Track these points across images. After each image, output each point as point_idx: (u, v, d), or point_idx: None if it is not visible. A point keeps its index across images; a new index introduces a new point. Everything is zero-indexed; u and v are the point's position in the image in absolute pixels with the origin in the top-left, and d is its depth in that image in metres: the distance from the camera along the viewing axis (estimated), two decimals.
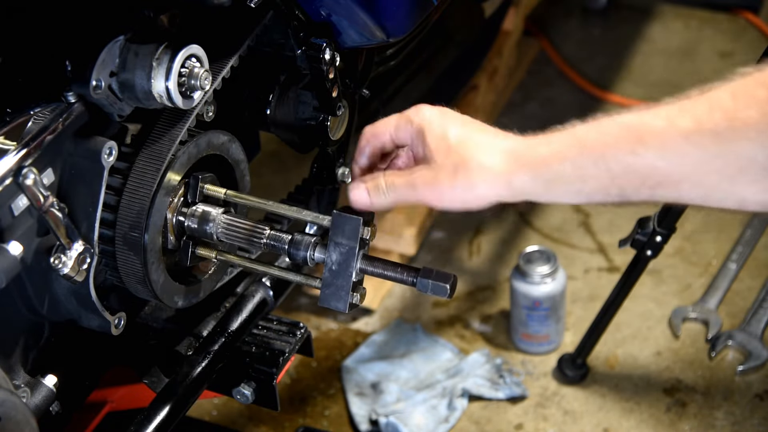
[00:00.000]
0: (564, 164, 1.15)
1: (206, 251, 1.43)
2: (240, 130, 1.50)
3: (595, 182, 1.14)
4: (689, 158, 1.07)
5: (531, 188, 1.19)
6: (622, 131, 1.12)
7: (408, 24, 1.58)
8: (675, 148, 1.08)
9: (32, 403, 1.35)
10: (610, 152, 1.12)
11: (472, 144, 1.22)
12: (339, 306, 1.32)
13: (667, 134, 1.08)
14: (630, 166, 1.11)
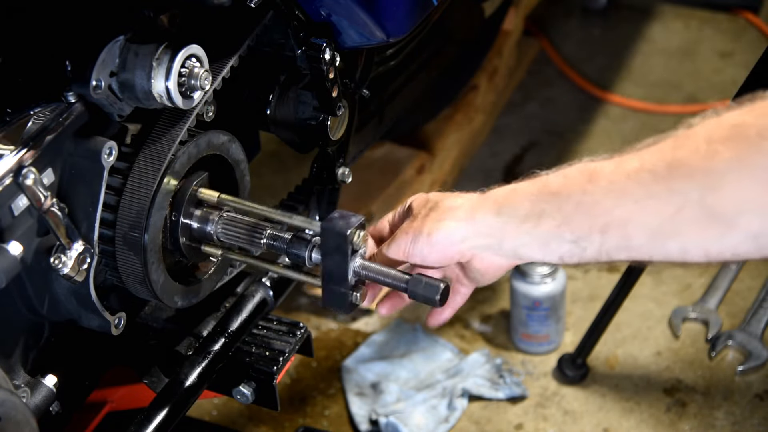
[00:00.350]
0: (521, 198, 1.22)
1: (212, 248, 1.43)
2: (240, 130, 1.50)
3: (548, 221, 1.19)
4: (632, 196, 1.12)
5: (491, 224, 1.24)
6: (576, 173, 1.19)
7: (408, 24, 1.59)
8: (620, 186, 1.13)
9: (32, 403, 1.35)
10: (564, 190, 1.18)
11: (447, 196, 1.31)
12: (340, 308, 1.33)
13: (614, 174, 1.14)
14: (580, 204, 1.16)
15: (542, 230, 1.19)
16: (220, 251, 1.44)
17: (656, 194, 1.11)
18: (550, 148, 2.80)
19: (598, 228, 1.15)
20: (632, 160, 1.14)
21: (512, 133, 2.87)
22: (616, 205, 1.14)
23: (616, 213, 1.14)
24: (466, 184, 2.69)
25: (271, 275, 1.62)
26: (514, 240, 1.23)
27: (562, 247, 1.19)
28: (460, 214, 1.25)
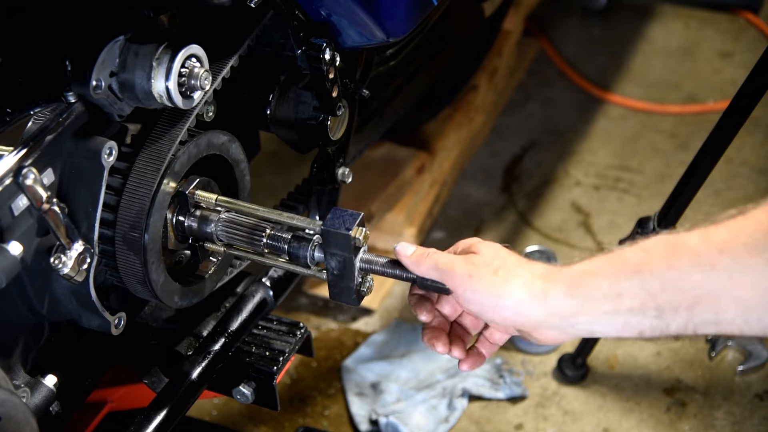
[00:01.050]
0: (598, 278, 1.14)
1: (215, 245, 1.43)
2: (240, 130, 1.50)
3: (630, 300, 1.12)
4: (724, 271, 1.06)
5: (565, 306, 1.17)
6: (656, 246, 1.11)
7: (408, 24, 1.59)
8: (709, 260, 1.07)
9: (32, 403, 1.35)
10: (646, 268, 1.11)
11: (517, 260, 1.22)
12: (348, 301, 1.34)
13: (702, 247, 1.08)
14: (666, 280, 1.09)
15: (623, 309, 1.13)
16: (223, 249, 1.44)
17: (753, 268, 1.04)
18: (550, 148, 2.80)
19: (686, 304, 1.09)
20: (720, 231, 1.07)
21: (512, 133, 2.87)
22: (707, 280, 1.07)
23: (707, 288, 1.07)
24: (467, 184, 2.69)
25: (272, 275, 1.62)
26: (589, 321, 1.16)
27: (644, 324, 1.12)
28: (533, 290, 1.18)
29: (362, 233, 1.29)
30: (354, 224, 1.28)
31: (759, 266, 1.04)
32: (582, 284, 1.15)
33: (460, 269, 1.22)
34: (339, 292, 1.34)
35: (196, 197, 1.41)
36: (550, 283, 1.17)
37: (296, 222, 1.37)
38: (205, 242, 1.44)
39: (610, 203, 2.61)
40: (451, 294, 1.25)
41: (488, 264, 1.21)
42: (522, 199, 2.65)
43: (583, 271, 1.16)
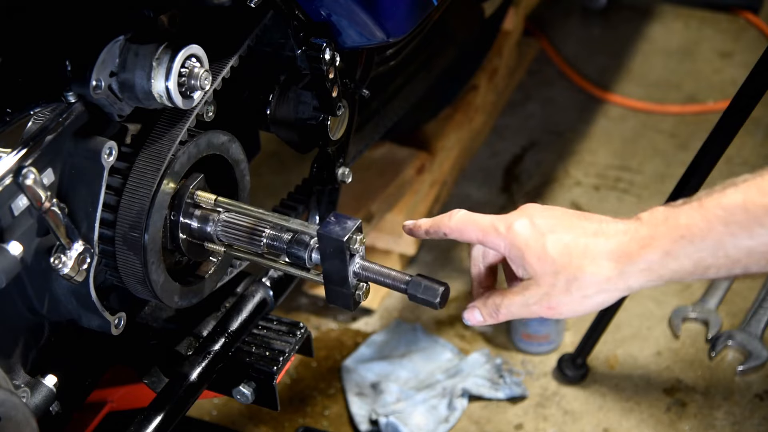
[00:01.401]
0: (680, 261, 1.13)
1: (215, 245, 1.43)
2: (240, 130, 1.50)
3: (716, 269, 1.13)
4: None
5: (649, 285, 1.17)
6: (733, 215, 1.09)
7: (408, 24, 1.58)
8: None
9: (32, 403, 1.35)
10: (727, 239, 1.10)
11: (576, 253, 1.18)
12: (344, 306, 1.34)
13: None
14: (752, 248, 1.09)
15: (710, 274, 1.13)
16: (223, 248, 1.44)
17: None
18: (550, 148, 2.80)
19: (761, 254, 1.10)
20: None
21: (512, 133, 2.87)
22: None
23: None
24: (467, 184, 2.69)
25: (272, 275, 1.62)
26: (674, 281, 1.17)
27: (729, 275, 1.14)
28: (612, 287, 1.17)
29: (357, 240, 1.29)
30: (349, 231, 1.28)
31: None
32: (665, 268, 1.14)
33: (536, 309, 1.21)
34: (335, 297, 1.34)
35: (196, 197, 1.41)
36: (629, 275, 1.16)
37: (293, 225, 1.37)
38: (205, 242, 1.44)
39: (610, 203, 2.61)
40: (438, 307, 1.27)
41: (555, 285, 1.19)
42: (522, 199, 2.64)
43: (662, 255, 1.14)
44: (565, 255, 1.18)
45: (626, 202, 2.61)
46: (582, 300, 1.19)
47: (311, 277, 1.39)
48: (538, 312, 1.22)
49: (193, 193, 1.41)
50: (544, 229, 1.20)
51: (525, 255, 1.21)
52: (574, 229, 1.20)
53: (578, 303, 1.19)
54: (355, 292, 1.32)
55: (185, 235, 1.42)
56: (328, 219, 1.30)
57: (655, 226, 1.15)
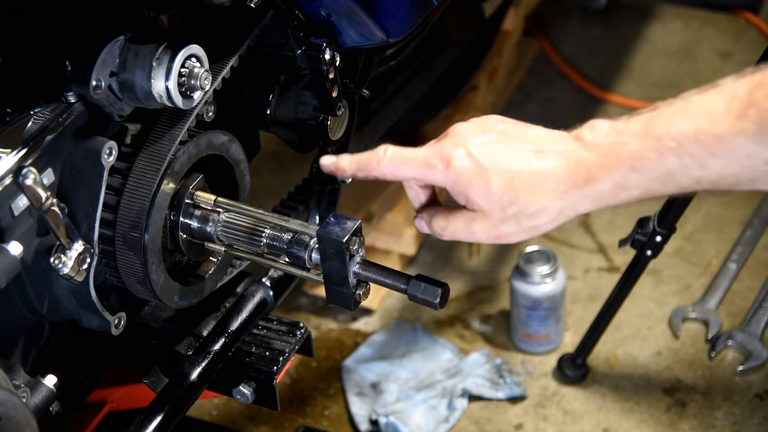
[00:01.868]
0: (631, 191, 1.12)
1: (215, 245, 1.43)
2: (240, 130, 1.50)
3: (663, 195, 1.13)
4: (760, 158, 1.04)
5: (597, 209, 1.16)
6: (685, 146, 1.08)
7: (408, 24, 1.58)
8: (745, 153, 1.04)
9: (32, 403, 1.35)
10: (678, 171, 1.09)
11: (520, 185, 1.16)
12: (344, 306, 1.34)
13: (735, 141, 1.04)
14: (702, 178, 1.08)
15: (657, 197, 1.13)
16: (223, 248, 1.44)
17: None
18: None
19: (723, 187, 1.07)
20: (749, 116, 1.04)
21: None
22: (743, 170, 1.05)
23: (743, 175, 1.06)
24: None
25: (272, 275, 1.62)
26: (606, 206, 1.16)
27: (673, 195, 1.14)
28: (557, 213, 1.16)
29: (357, 241, 1.29)
30: (349, 232, 1.28)
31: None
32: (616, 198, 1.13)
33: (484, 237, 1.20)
34: (335, 297, 1.34)
35: (195, 198, 1.41)
36: (577, 203, 1.15)
37: (292, 225, 1.37)
38: (205, 242, 1.44)
39: None
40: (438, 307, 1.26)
41: (503, 218, 1.17)
42: None
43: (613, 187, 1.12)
44: (511, 190, 1.16)
45: None
46: (531, 230, 1.18)
47: (311, 276, 1.39)
48: (484, 240, 1.21)
49: (192, 193, 1.41)
50: (484, 161, 1.17)
51: (469, 193, 1.18)
52: (515, 155, 1.17)
53: (527, 232, 1.18)
54: (355, 292, 1.32)
55: (185, 234, 1.42)
56: (328, 220, 1.30)
57: (603, 155, 1.13)
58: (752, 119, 1.03)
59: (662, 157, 1.09)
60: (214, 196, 1.42)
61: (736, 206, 2.53)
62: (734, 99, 1.05)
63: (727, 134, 1.04)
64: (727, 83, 1.08)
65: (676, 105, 1.12)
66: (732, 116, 1.04)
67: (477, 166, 1.17)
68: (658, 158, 1.09)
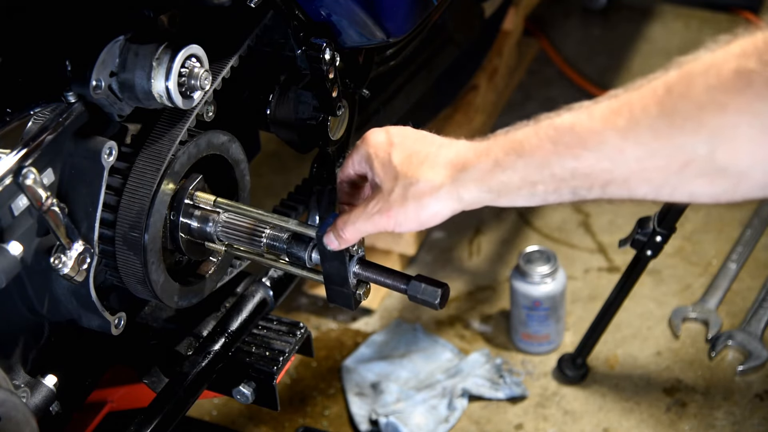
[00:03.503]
0: (508, 173, 1.16)
1: (216, 245, 1.43)
2: (240, 130, 1.50)
3: (543, 186, 1.15)
4: (631, 156, 1.07)
5: (482, 198, 1.20)
6: (561, 135, 1.12)
7: (408, 24, 1.59)
8: (615, 147, 1.08)
9: (32, 403, 1.35)
10: (552, 158, 1.12)
11: (416, 161, 1.23)
12: (345, 305, 1.35)
13: (605, 134, 1.08)
14: (575, 170, 1.11)
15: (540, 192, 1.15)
16: (224, 248, 1.44)
17: (659, 152, 1.05)
18: None
19: (599, 185, 1.11)
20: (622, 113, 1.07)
21: None
22: (616, 167, 1.08)
23: (617, 173, 1.09)
24: None
25: (272, 275, 1.62)
26: (509, 202, 1.19)
27: (562, 198, 1.15)
28: (443, 193, 1.20)
29: (356, 246, 1.30)
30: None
31: (665, 150, 1.04)
32: (493, 179, 1.17)
33: (376, 213, 1.24)
34: (335, 296, 1.34)
35: (195, 198, 1.41)
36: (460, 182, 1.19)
37: (292, 226, 1.37)
38: (206, 242, 1.44)
39: (610, 203, 2.61)
40: (438, 308, 1.29)
41: (393, 190, 1.23)
42: None
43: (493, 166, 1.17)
44: (406, 163, 1.23)
45: (626, 202, 2.60)
46: (418, 209, 1.21)
47: (312, 276, 1.39)
48: (378, 222, 1.24)
49: (192, 193, 1.41)
50: (394, 139, 1.27)
51: (373, 163, 1.26)
52: (424, 141, 1.27)
53: (414, 212, 1.22)
54: (355, 292, 1.33)
55: (185, 234, 1.42)
56: (327, 220, 1.30)
57: (494, 139, 1.19)
58: (624, 116, 1.07)
59: (540, 141, 1.13)
60: (214, 196, 1.42)
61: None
62: (614, 99, 1.09)
63: (599, 127, 1.08)
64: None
65: (570, 106, 1.15)
66: (607, 113, 1.08)
67: (387, 141, 1.27)
68: (536, 142, 1.13)
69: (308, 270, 1.39)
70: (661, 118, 1.04)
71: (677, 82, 1.05)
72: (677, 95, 1.04)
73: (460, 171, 1.20)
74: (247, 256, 1.44)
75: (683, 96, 1.03)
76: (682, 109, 1.03)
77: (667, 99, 1.04)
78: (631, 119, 1.06)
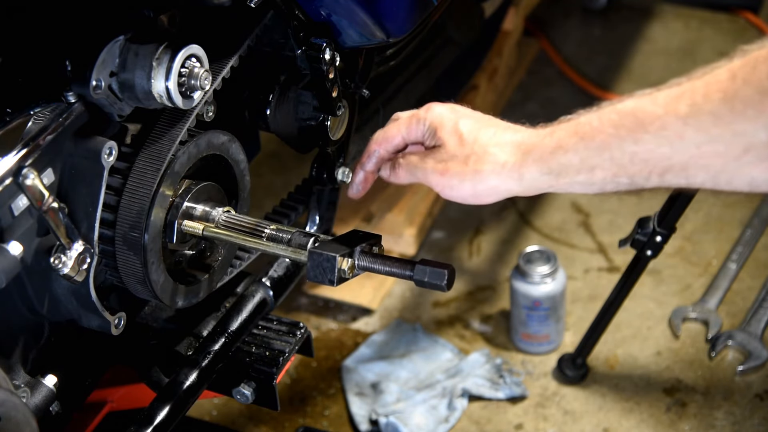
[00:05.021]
0: (569, 155, 1.18)
1: (193, 225, 1.41)
2: (240, 130, 1.50)
3: (602, 172, 1.16)
4: (691, 142, 1.08)
5: (541, 181, 1.21)
6: (622, 119, 1.14)
7: (408, 24, 1.59)
8: (675, 132, 1.09)
9: (32, 403, 1.35)
10: (613, 141, 1.14)
11: (484, 136, 1.25)
12: (326, 280, 1.31)
13: (667, 119, 1.09)
14: (634, 154, 1.12)
15: (597, 179, 1.17)
16: (203, 227, 1.41)
17: (718, 138, 1.05)
18: None
19: (657, 172, 1.11)
20: (683, 100, 1.08)
21: None
22: (675, 152, 1.09)
23: (675, 159, 1.09)
24: None
25: (272, 275, 1.62)
26: (565, 188, 1.21)
27: (619, 187, 1.16)
28: (507, 171, 1.22)
29: (346, 269, 1.30)
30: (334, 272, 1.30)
31: (725, 136, 1.05)
32: (554, 160, 1.19)
33: (431, 169, 1.26)
34: (317, 272, 1.32)
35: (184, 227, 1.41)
36: (523, 162, 1.21)
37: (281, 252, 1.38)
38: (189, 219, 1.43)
39: (610, 203, 2.61)
40: (445, 289, 1.36)
41: (455, 156, 1.25)
42: (522, 199, 2.64)
43: (554, 147, 1.19)
44: (473, 134, 1.26)
45: (626, 202, 2.61)
46: (475, 179, 1.24)
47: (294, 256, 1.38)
48: (432, 178, 1.27)
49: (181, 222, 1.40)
50: (461, 111, 1.30)
51: (438, 130, 1.28)
52: (490, 120, 1.28)
53: (471, 181, 1.24)
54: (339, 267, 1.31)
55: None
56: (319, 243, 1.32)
57: (558, 123, 1.21)
58: (685, 101, 1.08)
59: (601, 125, 1.15)
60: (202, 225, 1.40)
61: (736, 206, 2.53)
62: (677, 86, 1.11)
63: (660, 112, 1.10)
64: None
65: (635, 93, 1.18)
66: (669, 99, 1.10)
67: (453, 114, 1.29)
68: (598, 126, 1.15)
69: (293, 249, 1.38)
70: (723, 103, 1.04)
71: (740, 68, 1.04)
72: (740, 81, 1.04)
73: (524, 152, 1.22)
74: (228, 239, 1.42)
75: (746, 81, 1.03)
76: (743, 94, 1.03)
77: (729, 85, 1.04)
78: (693, 105, 1.07)
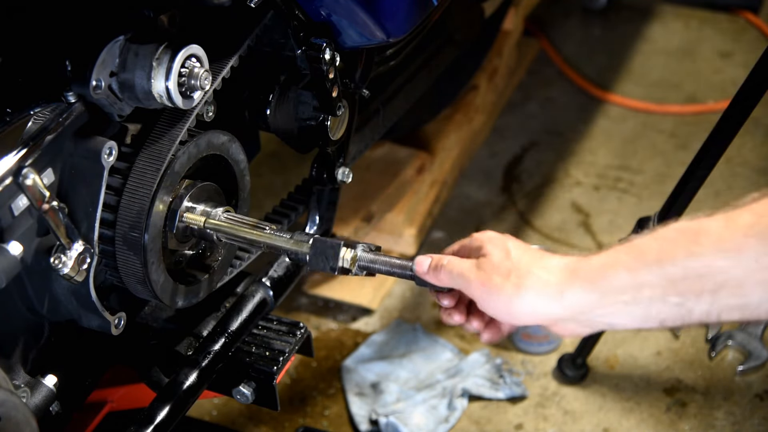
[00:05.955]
0: (618, 271, 1.13)
1: (194, 217, 1.41)
2: (240, 130, 1.50)
3: (650, 290, 1.11)
4: (750, 253, 1.04)
5: (583, 301, 1.16)
6: (678, 234, 1.09)
7: (408, 24, 1.59)
8: (734, 244, 1.05)
9: (32, 403, 1.35)
10: (666, 256, 1.09)
11: (530, 258, 1.21)
12: (327, 267, 1.34)
13: (726, 231, 1.05)
14: (688, 268, 1.08)
15: (644, 299, 1.11)
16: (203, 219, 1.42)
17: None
18: (550, 148, 2.80)
19: (709, 289, 1.07)
20: (744, 215, 1.05)
21: (512, 133, 2.87)
22: (732, 265, 1.05)
23: (732, 272, 1.05)
24: (467, 184, 2.69)
25: (272, 275, 1.62)
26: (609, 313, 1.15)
27: (665, 312, 1.11)
28: (548, 290, 1.17)
29: (348, 260, 1.32)
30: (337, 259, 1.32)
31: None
32: (601, 277, 1.14)
33: (473, 277, 1.22)
34: (318, 260, 1.35)
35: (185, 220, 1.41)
36: (567, 281, 1.16)
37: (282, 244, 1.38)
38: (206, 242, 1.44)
39: (610, 203, 2.61)
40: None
41: (498, 268, 1.21)
42: (522, 199, 2.64)
43: (602, 265, 1.14)
44: (519, 253, 1.22)
45: (626, 202, 2.61)
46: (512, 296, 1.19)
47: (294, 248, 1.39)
48: (469, 287, 1.23)
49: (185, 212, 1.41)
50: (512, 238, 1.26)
51: (485, 244, 1.25)
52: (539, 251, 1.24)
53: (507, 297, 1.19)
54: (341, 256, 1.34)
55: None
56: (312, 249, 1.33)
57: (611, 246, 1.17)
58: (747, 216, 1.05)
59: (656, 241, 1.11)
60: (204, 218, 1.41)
61: None
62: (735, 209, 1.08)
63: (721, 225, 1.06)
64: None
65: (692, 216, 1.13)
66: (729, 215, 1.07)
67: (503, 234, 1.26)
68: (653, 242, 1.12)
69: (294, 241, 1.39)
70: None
71: None
72: None
73: (572, 272, 1.17)
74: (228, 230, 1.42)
75: None
76: None
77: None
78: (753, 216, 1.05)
